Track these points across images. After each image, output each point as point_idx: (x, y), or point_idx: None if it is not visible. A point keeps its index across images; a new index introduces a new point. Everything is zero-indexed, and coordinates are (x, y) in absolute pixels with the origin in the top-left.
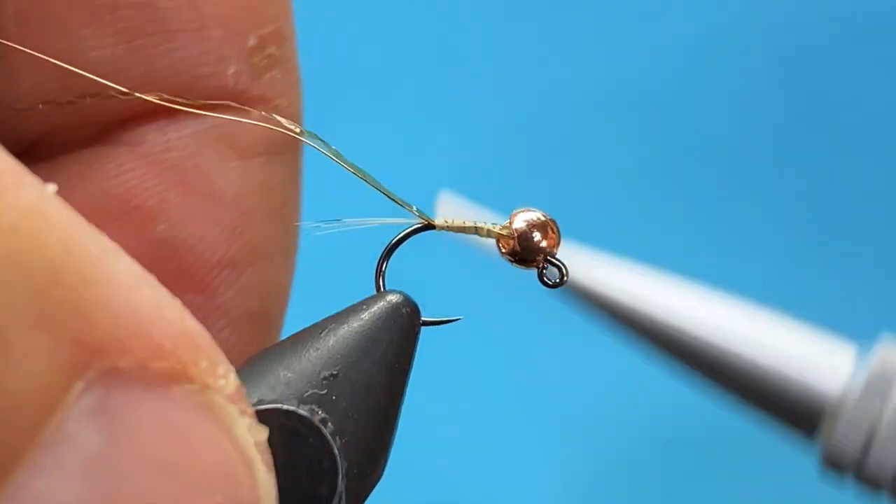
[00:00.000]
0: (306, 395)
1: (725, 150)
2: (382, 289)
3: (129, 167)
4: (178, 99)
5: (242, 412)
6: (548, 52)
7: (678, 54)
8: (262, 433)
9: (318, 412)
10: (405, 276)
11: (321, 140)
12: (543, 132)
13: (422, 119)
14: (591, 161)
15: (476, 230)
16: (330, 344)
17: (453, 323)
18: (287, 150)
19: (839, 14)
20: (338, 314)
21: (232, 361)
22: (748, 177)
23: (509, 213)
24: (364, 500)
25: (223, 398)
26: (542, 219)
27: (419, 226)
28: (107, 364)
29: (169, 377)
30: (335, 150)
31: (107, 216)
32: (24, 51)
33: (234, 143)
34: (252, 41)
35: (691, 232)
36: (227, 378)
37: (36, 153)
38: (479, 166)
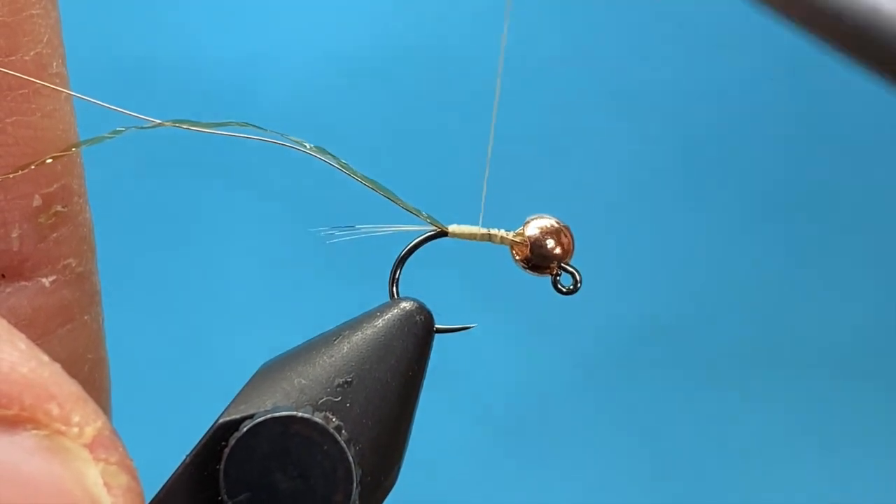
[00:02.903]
0: (321, 402)
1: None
2: (396, 296)
3: None
4: None
5: (97, 458)
6: (550, 53)
7: (679, 54)
8: (122, 478)
9: (332, 419)
10: (418, 282)
11: (331, 154)
12: (551, 134)
13: (432, 127)
14: (594, 161)
15: (489, 238)
16: (344, 351)
17: (467, 330)
18: (84, 312)
19: None
20: (352, 321)
21: None
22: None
23: (522, 218)
24: None
25: (74, 444)
26: (556, 225)
27: (432, 233)
28: None
29: (14, 423)
30: (345, 163)
31: None
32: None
33: (31, 320)
34: (37, 201)
35: (692, 229)
36: (83, 426)
37: None
38: (492, 172)
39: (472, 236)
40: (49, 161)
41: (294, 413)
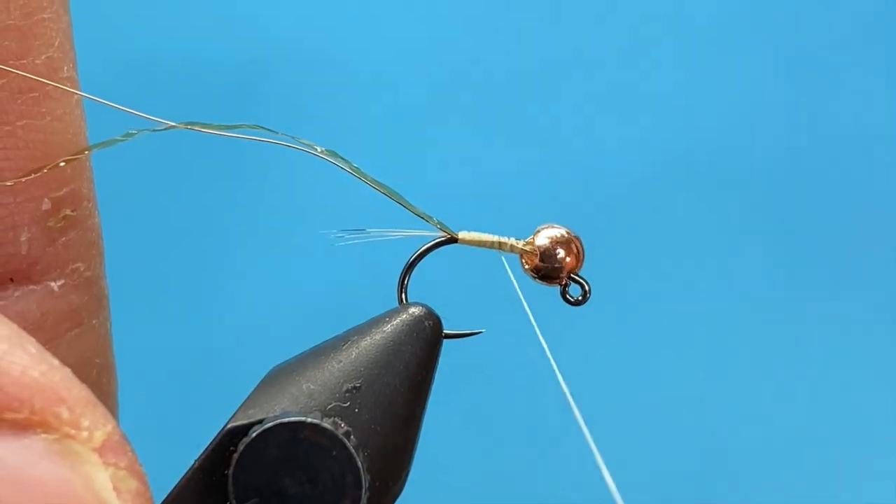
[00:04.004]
0: (329, 407)
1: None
2: (405, 301)
3: None
4: None
5: (107, 463)
6: (557, 56)
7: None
8: (132, 483)
9: (341, 425)
10: (428, 288)
11: (342, 158)
12: (562, 143)
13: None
14: (607, 171)
15: (499, 245)
16: (353, 356)
17: (476, 336)
18: (92, 316)
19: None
20: (360, 326)
21: None
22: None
23: (534, 227)
24: None
25: (84, 448)
26: (566, 235)
27: (441, 239)
28: None
29: (24, 426)
30: (356, 166)
31: None
32: (72, 91)
33: (40, 324)
34: (46, 205)
35: (703, 238)
36: (93, 430)
37: None
38: (502, 179)
39: (481, 243)
40: (61, 164)
41: (303, 419)
